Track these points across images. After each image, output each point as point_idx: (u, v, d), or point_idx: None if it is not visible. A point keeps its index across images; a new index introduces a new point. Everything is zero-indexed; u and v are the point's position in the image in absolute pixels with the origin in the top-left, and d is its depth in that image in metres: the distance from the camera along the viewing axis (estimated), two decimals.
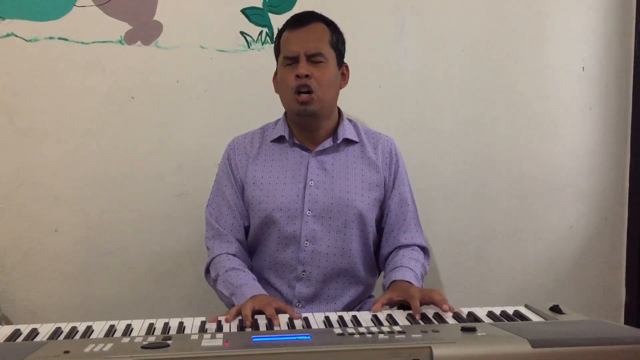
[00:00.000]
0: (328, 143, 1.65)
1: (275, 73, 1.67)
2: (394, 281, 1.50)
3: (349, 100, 1.73)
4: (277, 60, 1.66)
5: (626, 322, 2.31)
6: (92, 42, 2.00)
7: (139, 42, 2.02)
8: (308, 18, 1.62)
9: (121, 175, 2.05)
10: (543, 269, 2.29)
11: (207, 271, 1.65)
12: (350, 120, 1.73)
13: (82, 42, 2.00)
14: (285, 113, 1.69)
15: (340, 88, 1.67)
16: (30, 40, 1.98)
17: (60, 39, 1.99)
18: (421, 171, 2.12)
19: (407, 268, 1.54)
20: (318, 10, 1.68)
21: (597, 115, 2.27)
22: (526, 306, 1.39)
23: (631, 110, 2.28)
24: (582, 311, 1.40)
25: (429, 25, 2.15)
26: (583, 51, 2.23)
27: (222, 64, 2.06)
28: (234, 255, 1.60)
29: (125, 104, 2.04)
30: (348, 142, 1.67)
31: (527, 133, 2.23)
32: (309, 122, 1.62)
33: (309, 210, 1.59)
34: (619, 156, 2.29)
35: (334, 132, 1.66)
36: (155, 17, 2.02)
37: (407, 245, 1.64)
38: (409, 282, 1.48)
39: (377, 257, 1.73)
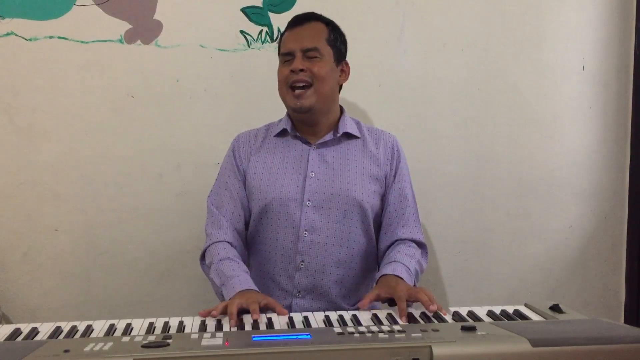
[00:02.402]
0: (329, 136, 1.67)
1: None
2: (384, 275, 1.51)
3: (348, 99, 1.73)
4: None
5: (626, 321, 2.31)
6: (92, 41, 2.00)
7: (138, 41, 2.02)
8: (307, 17, 1.66)
9: (121, 174, 2.05)
10: (543, 268, 2.29)
11: (203, 257, 1.65)
12: (352, 119, 1.75)
13: (81, 41, 2.00)
14: None
15: (340, 83, 1.68)
16: (30, 40, 1.98)
17: (60, 38, 1.99)
18: (420, 170, 2.12)
19: (400, 263, 1.54)
20: (318, 9, 1.70)
21: (597, 115, 2.27)
22: (526, 305, 1.39)
23: (631, 109, 2.28)
24: (581, 310, 1.41)
25: (428, 24, 2.15)
26: (583, 50, 2.23)
27: (222, 63, 2.06)
28: (230, 243, 1.61)
29: (125, 103, 2.04)
30: (349, 136, 1.69)
31: (527, 132, 2.23)
32: (307, 117, 1.64)
33: (309, 200, 1.61)
34: (619, 155, 2.29)
35: (335, 127, 1.68)
36: (155, 16, 2.02)
37: (405, 240, 1.65)
38: (398, 276, 1.49)
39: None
